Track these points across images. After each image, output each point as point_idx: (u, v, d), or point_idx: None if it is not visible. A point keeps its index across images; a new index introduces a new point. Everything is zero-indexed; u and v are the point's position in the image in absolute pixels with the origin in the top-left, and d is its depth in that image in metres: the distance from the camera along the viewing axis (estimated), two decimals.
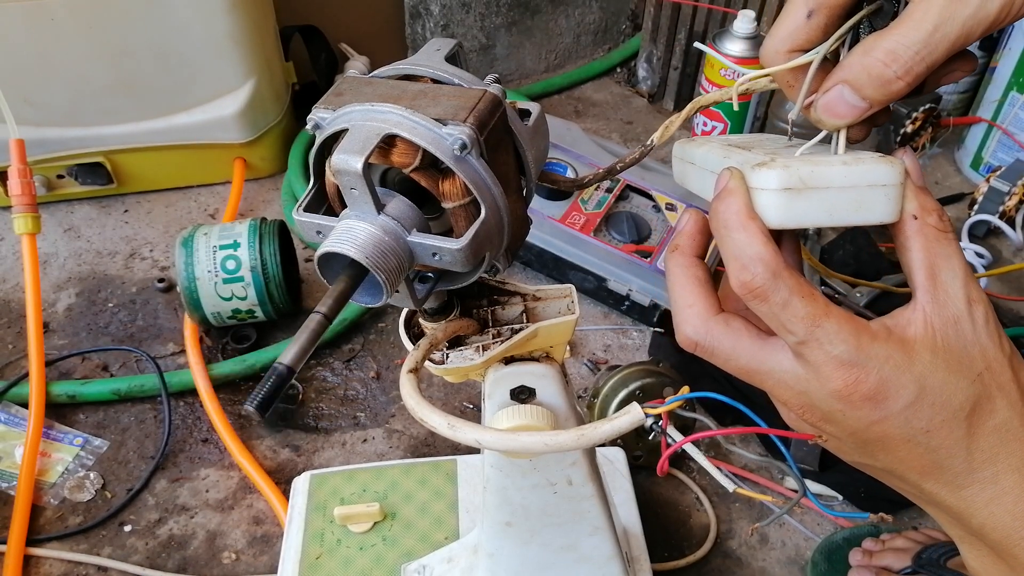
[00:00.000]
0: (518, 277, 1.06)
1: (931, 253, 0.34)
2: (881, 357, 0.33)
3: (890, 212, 0.34)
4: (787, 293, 0.33)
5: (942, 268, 0.34)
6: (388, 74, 0.40)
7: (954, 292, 0.34)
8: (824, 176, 0.33)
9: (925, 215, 0.34)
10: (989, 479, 0.34)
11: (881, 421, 0.34)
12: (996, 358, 0.34)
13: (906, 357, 0.33)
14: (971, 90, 1.29)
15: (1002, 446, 0.34)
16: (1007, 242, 1.11)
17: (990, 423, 0.34)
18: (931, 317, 0.34)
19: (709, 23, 1.25)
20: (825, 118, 0.36)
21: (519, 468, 0.50)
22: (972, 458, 0.34)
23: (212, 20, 1.03)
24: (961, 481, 0.35)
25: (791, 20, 0.37)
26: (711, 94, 0.43)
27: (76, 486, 0.84)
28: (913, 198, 0.35)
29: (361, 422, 0.91)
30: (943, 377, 0.33)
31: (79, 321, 1.01)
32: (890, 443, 0.35)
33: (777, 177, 0.33)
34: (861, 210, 0.34)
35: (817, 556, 0.77)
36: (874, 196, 0.34)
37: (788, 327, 0.34)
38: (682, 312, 0.37)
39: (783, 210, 0.34)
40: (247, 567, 0.78)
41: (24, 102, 1.03)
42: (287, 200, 1.16)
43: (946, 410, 0.33)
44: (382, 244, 0.35)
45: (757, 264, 0.33)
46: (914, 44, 0.33)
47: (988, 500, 0.34)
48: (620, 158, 0.44)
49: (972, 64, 0.36)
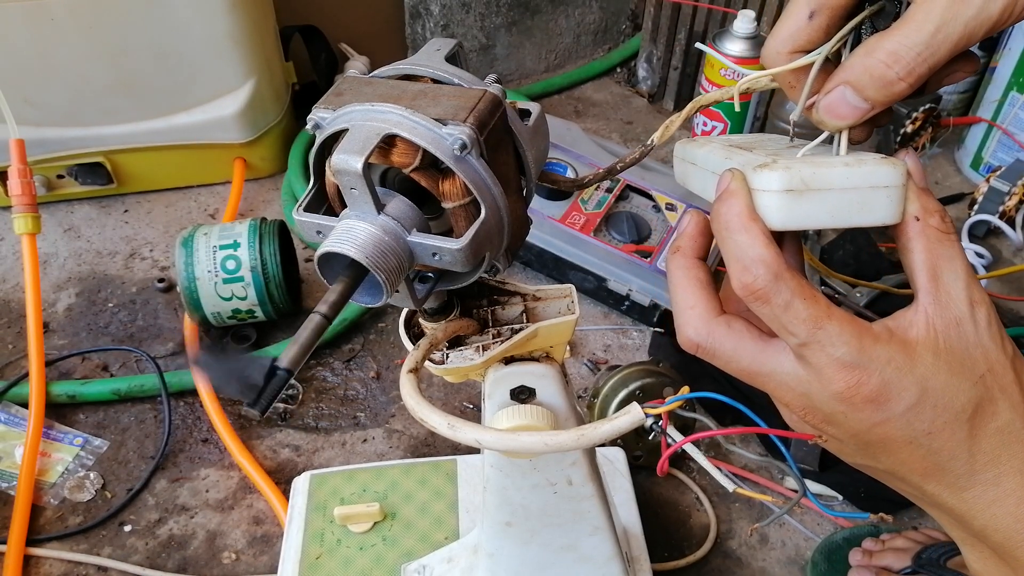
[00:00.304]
0: (518, 277, 1.06)
1: (933, 254, 0.34)
2: (883, 359, 0.33)
3: (892, 213, 0.34)
4: (789, 295, 0.33)
5: (944, 269, 0.34)
6: (388, 74, 0.40)
7: (956, 294, 0.34)
8: (826, 178, 0.33)
9: (927, 216, 0.34)
10: (991, 481, 0.34)
11: (883, 423, 0.34)
12: (999, 360, 0.34)
13: (908, 359, 0.33)
14: (971, 90, 1.29)
15: (1004, 448, 0.34)
16: (1007, 242, 1.11)
17: (992, 425, 0.34)
18: (933, 319, 0.34)
19: (709, 23, 1.25)
20: (827, 119, 0.36)
21: (519, 468, 0.50)
22: (974, 460, 0.34)
23: (212, 20, 1.03)
24: (963, 483, 0.35)
25: (793, 21, 0.37)
26: (711, 94, 0.43)
27: (76, 486, 0.84)
28: (915, 199, 0.34)
29: (361, 422, 0.91)
30: (945, 379, 0.33)
31: (79, 321, 1.01)
32: (892, 445, 0.35)
33: (779, 179, 0.33)
34: (863, 211, 0.34)
35: (817, 556, 0.77)
36: (876, 197, 0.34)
37: (790, 329, 0.33)
38: (683, 314, 0.37)
39: (785, 212, 0.33)
40: (247, 567, 0.78)
41: (24, 102, 1.03)
42: (287, 200, 1.16)
43: (948, 412, 0.33)
44: (382, 244, 0.35)
45: (759, 266, 0.33)
46: (916, 45, 0.33)
47: (990, 502, 0.34)
48: (620, 158, 0.43)
49: (974, 65, 0.36)
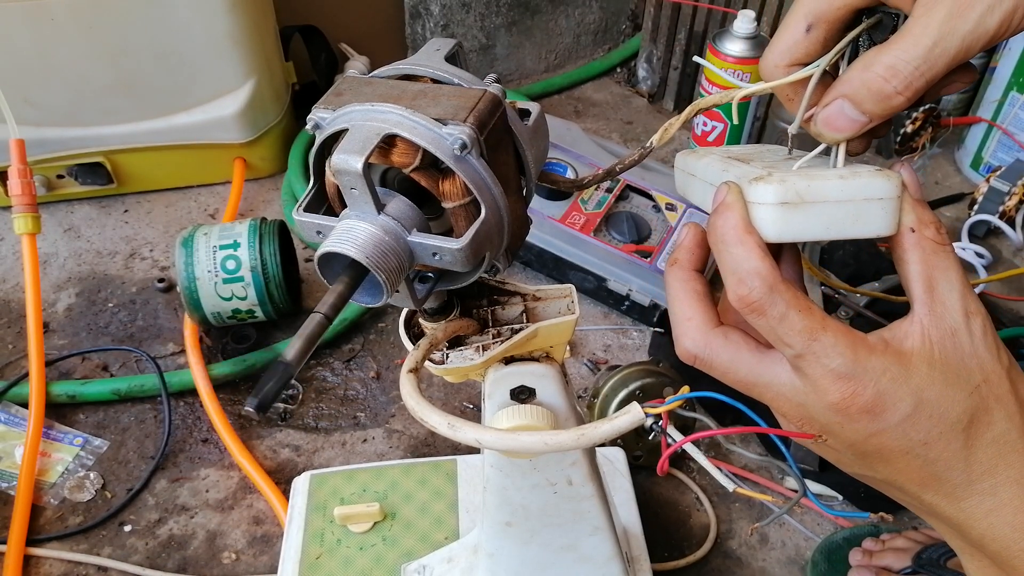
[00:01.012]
0: (518, 277, 1.06)
1: (929, 265, 0.34)
2: (878, 370, 0.33)
3: (887, 225, 0.34)
4: (784, 307, 0.33)
5: (940, 280, 0.34)
6: (388, 74, 0.40)
7: (952, 304, 0.34)
8: (821, 190, 0.33)
9: (923, 228, 0.34)
10: (988, 491, 0.34)
11: (879, 433, 0.34)
12: (994, 370, 0.34)
13: (903, 370, 0.33)
14: (971, 90, 1.29)
15: (1000, 458, 0.34)
16: (1007, 242, 1.11)
17: (988, 435, 0.34)
18: (928, 330, 0.34)
19: (709, 23, 1.25)
20: (825, 132, 0.36)
21: (519, 468, 0.50)
22: (970, 470, 0.34)
23: (212, 20, 1.03)
24: (960, 493, 0.35)
25: (790, 34, 0.37)
26: (711, 97, 0.43)
27: (76, 486, 0.84)
28: (911, 211, 0.35)
29: (361, 422, 0.91)
30: (940, 390, 0.33)
31: (79, 321, 1.01)
32: (889, 455, 0.35)
33: (774, 191, 0.33)
34: (858, 223, 0.34)
35: (817, 556, 0.77)
36: (871, 209, 0.34)
37: (785, 340, 0.34)
38: (681, 325, 0.38)
39: (780, 224, 0.34)
40: (247, 567, 0.78)
41: (24, 102, 1.03)
42: (287, 200, 1.16)
43: (944, 422, 0.34)
44: (382, 244, 0.35)
45: (754, 278, 0.33)
46: (914, 59, 0.33)
47: (987, 511, 0.34)
48: (620, 159, 0.43)
49: (972, 76, 0.36)
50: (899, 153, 1.25)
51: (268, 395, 0.30)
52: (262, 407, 0.30)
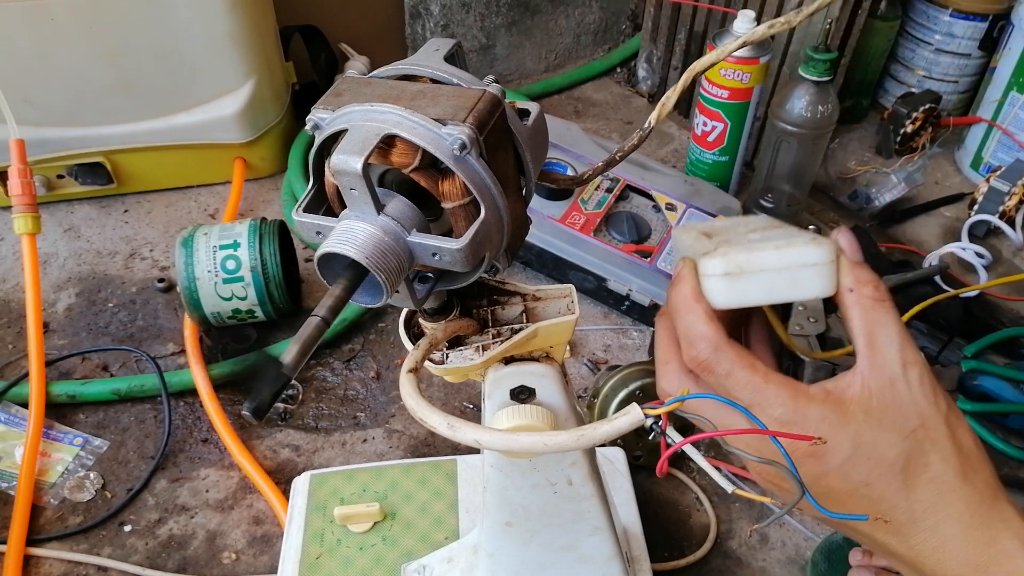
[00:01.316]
0: (518, 277, 1.06)
1: (868, 321, 0.37)
2: (816, 417, 0.36)
3: (824, 287, 0.38)
4: (729, 365, 0.37)
5: (879, 335, 0.37)
6: (387, 74, 0.40)
7: (891, 356, 0.37)
8: (759, 261, 0.37)
9: (861, 287, 0.37)
10: (931, 528, 0.37)
11: (824, 475, 0.37)
12: (931, 416, 0.37)
13: (841, 416, 0.36)
14: (971, 90, 1.29)
15: (938, 496, 0.37)
16: (1007, 242, 1.11)
17: (925, 476, 0.36)
18: (868, 380, 0.37)
19: (709, 23, 1.25)
20: None
21: (519, 468, 0.50)
22: (913, 509, 0.37)
23: (212, 20, 1.03)
24: (907, 531, 0.37)
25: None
26: (706, 57, 0.44)
27: (76, 486, 0.84)
28: (848, 272, 0.38)
29: (361, 422, 0.91)
30: (876, 434, 0.36)
31: (79, 321, 1.01)
32: (838, 496, 0.37)
33: (717, 265, 0.38)
34: (796, 288, 0.38)
35: (817, 556, 0.77)
36: (807, 275, 0.37)
37: (733, 394, 0.37)
38: (660, 367, 0.42)
39: (726, 292, 0.38)
40: (247, 567, 0.78)
41: (24, 102, 1.03)
42: (287, 200, 1.16)
43: (882, 464, 0.36)
44: (382, 244, 0.35)
45: (701, 341, 0.38)
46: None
47: (934, 548, 0.37)
48: (619, 147, 0.44)
49: None
50: (899, 153, 1.25)
51: (265, 401, 0.30)
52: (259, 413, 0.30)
